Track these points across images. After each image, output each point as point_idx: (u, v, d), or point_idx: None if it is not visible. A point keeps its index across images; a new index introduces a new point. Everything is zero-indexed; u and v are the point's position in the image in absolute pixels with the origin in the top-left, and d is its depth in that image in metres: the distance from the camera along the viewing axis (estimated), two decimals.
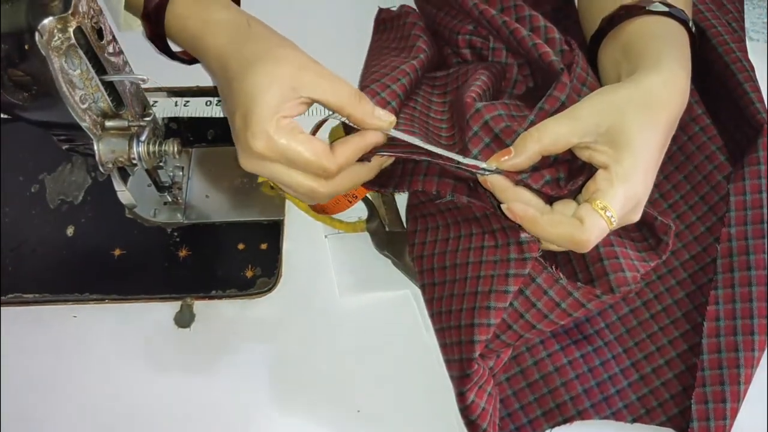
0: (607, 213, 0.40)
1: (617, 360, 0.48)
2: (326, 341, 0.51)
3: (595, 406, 0.47)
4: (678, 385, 0.47)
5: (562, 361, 0.48)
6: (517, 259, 0.43)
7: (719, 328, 0.46)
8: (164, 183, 0.53)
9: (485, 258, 0.44)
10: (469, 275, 0.45)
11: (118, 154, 0.44)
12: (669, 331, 0.48)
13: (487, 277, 0.43)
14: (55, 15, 0.36)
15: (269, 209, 0.55)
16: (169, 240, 0.54)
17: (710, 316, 0.46)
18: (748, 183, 0.48)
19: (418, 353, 0.50)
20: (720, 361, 0.45)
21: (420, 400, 0.49)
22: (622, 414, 0.47)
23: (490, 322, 0.43)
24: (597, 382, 0.47)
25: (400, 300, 0.52)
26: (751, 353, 0.45)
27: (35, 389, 0.50)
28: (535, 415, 0.47)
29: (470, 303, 0.44)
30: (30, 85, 0.39)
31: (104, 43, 0.40)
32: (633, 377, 0.48)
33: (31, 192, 0.56)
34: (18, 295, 0.52)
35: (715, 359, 0.45)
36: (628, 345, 0.49)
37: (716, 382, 0.45)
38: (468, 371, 0.43)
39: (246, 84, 0.42)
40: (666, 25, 0.46)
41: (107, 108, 0.43)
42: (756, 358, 0.45)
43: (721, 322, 0.46)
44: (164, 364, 0.50)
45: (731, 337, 0.46)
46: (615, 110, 0.41)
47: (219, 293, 0.52)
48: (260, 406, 0.49)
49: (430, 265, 0.48)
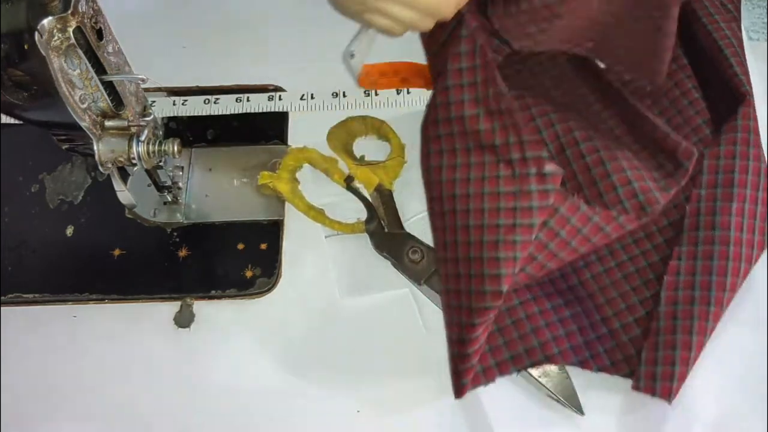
0: None
1: (587, 314, 0.49)
2: (326, 341, 0.51)
3: (563, 353, 0.48)
4: (645, 342, 0.48)
5: (533, 310, 0.49)
6: (539, 190, 0.43)
7: (678, 282, 0.48)
8: (164, 183, 0.53)
9: (502, 188, 0.44)
10: (486, 206, 0.45)
11: (117, 153, 0.44)
12: (640, 291, 0.49)
13: (508, 209, 0.44)
14: (55, 15, 0.36)
15: (269, 209, 0.55)
16: (168, 240, 0.54)
17: (671, 270, 0.48)
18: (723, 149, 0.49)
19: (417, 353, 0.50)
20: (675, 312, 0.47)
21: (420, 400, 0.49)
22: (588, 363, 0.48)
23: (517, 256, 0.43)
24: (566, 332, 0.48)
25: (400, 300, 0.52)
26: (706, 307, 0.47)
27: (35, 389, 0.50)
28: (503, 358, 0.48)
29: (492, 235, 0.44)
30: (29, 84, 0.39)
31: (104, 43, 0.40)
32: (602, 331, 0.49)
33: (31, 192, 0.56)
34: (18, 294, 0.52)
35: (670, 311, 0.47)
36: (599, 302, 0.50)
37: (669, 332, 0.47)
38: (483, 309, 0.44)
39: None
40: None
41: (107, 108, 0.43)
42: (711, 313, 0.47)
43: (681, 277, 0.48)
44: (164, 363, 0.50)
45: (688, 291, 0.47)
46: None
47: (219, 293, 0.52)
48: (260, 406, 0.49)
49: (439, 193, 0.48)
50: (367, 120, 0.57)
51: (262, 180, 0.54)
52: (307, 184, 0.55)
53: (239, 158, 0.57)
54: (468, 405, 0.48)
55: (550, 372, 0.48)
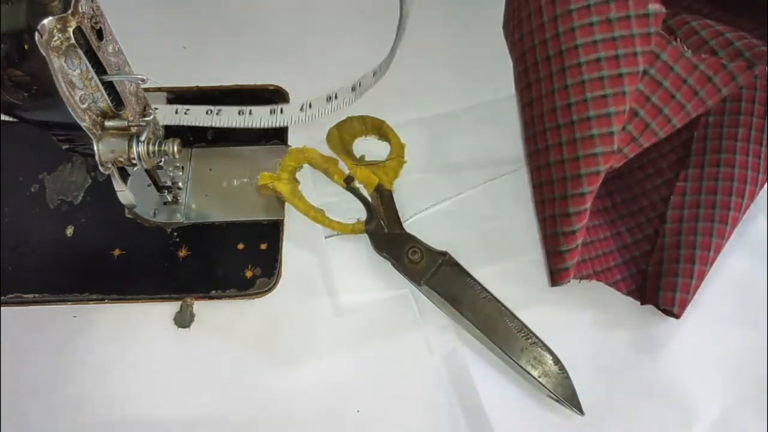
0: None
1: (601, 229, 0.51)
2: (325, 342, 0.51)
3: (605, 272, 0.49)
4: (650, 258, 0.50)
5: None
6: (641, 34, 0.40)
7: (684, 201, 0.50)
8: (164, 183, 0.53)
9: (598, 36, 0.41)
10: (582, 60, 0.41)
11: (117, 154, 0.44)
12: (648, 211, 0.52)
13: (611, 58, 0.40)
14: (55, 15, 0.36)
15: (269, 209, 0.55)
16: (168, 240, 0.54)
17: (677, 191, 0.51)
18: (739, 79, 0.47)
19: (418, 352, 0.50)
20: (680, 229, 0.49)
21: (420, 400, 0.49)
22: (601, 276, 0.49)
23: (614, 111, 0.41)
24: (604, 252, 0.50)
25: (400, 301, 0.52)
26: (710, 224, 0.49)
27: (34, 389, 0.50)
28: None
29: (596, 89, 0.41)
30: (29, 85, 0.39)
31: (104, 43, 0.40)
32: (614, 246, 0.51)
33: (31, 192, 0.56)
34: (17, 295, 0.52)
35: (675, 228, 0.50)
36: (612, 217, 0.52)
37: (673, 247, 0.49)
38: (596, 169, 0.42)
39: None
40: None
41: (107, 108, 0.43)
42: (715, 229, 0.49)
43: (686, 197, 0.50)
44: (163, 364, 0.50)
45: (693, 210, 0.50)
46: None
47: (219, 293, 0.52)
48: (259, 406, 0.49)
49: (533, 60, 0.44)
50: (367, 120, 0.57)
51: (262, 181, 0.54)
52: (307, 185, 0.55)
53: (239, 158, 0.57)
54: (468, 405, 0.49)
55: (550, 372, 0.48)
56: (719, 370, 0.50)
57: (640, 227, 0.52)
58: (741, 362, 0.50)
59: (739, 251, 0.53)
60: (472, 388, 0.49)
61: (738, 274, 0.53)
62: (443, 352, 0.50)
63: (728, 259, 0.53)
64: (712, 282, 0.52)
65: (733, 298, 0.52)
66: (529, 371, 0.48)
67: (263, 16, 0.64)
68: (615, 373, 0.50)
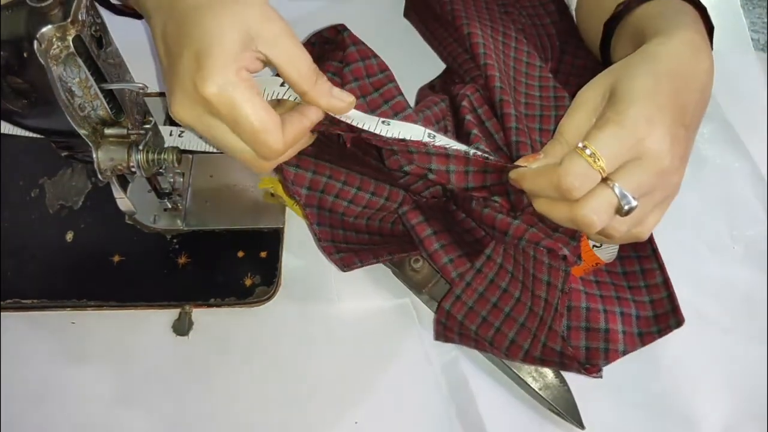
0: (587, 150, 0.37)
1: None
2: (325, 350, 0.51)
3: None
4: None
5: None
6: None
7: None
8: (164, 189, 0.53)
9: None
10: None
11: (117, 162, 0.44)
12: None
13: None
14: (54, 23, 0.36)
15: (269, 217, 0.55)
16: (168, 247, 0.54)
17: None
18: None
19: (417, 363, 0.50)
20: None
21: (419, 410, 0.49)
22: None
23: None
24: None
25: (400, 309, 0.52)
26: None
27: (32, 395, 0.50)
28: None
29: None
30: (29, 92, 0.39)
31: (104, 51, 0.40)
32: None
33: (31, 196, 0.56)
34: (16, 300, 0.52)
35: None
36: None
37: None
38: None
39: (206, 21, 0.36)
40: (667, 3, 0.45)
41: (106, 116, 0.43)
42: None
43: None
44: (162, 371, 0.50)
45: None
46: (616, 72, 0.40)
47: (218, 301, 0.52)
48: (258, 415, 0.49)
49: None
50: None
51: (262, 185, 0.54)
52: None
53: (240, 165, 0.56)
54: (468, 417, 0.48)
55: (551, 384, 0.48)
56: (722, 383, 0.49)
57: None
58: (744, 375, 0.50)
59: (744, 265, 0.53)
60: (471, 398, 0.49)
61: (743, 287, 0.52)
62: (443, 362, 0.50)
63: (733, 272, 0.52)
64: (716, 295, 0.52)
65: (737, 311, 0.51)
66: (529, 383, 0.48)
67: None
68: (616, 386, 0.49)
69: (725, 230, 0.55)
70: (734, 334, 0.51)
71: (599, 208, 0.37)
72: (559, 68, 0.58)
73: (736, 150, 0.58)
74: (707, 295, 0.52)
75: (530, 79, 0.53)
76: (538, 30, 0.59)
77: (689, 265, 0.52)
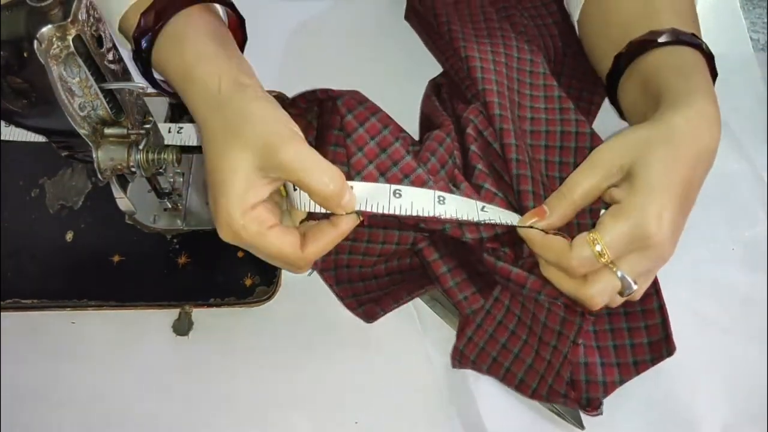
0: (597, 246, 0.40)
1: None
2: (325, 351, 0.51)
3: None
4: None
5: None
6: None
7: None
8: (164, 189, 0.53)
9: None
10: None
11: (117, 161, 0.44)
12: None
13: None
14: (54, 23, 0.36)
15: None
16: (168, 247, 0.54)
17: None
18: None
19: (418, 364, 0.50)
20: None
21: (419, 410, 0.49)
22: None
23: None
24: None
25: (402, 310, 0.52)
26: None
27: (32, 395, 0.50)
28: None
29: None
30: (29, 92, 0.39)
31: (104, 51, 0.40)
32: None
33: (31, 196, 0.56)
34: (16, 300, 0.52)
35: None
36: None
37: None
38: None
39: (214, 158, 0.39)
40: (680, 54, 0.45)
41: (106, 116, 0.43)
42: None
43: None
44: (162, 371, 0.50)
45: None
46: (636, 148, 0.41)
47: (218, 301, 0.52)
48: (258, 416, 0.49)
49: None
50: None
51: None
52: None
53: None
54: (469, 419, 0.48)
55: None
56: (721, 384, 0.49)
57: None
58: (743, 376, 0.50)
59: (743, 266, 0.53)
60: (472, 399, 0.49)
61: (742, 288, 0.52)
62: (444, 364, 0.50)
63: (732, 273, 0.52)
64: (716, 296, 0.52)
65: (736, 312, 0.51)
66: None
67: (264, 21, 0.64)
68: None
69: (724, 231, 0.55)
70: (733, 335, 0.51)
71: (603, 292, 0.41)
72: (561, 71, 0.58)
73: (736, 151, 0.58)
74: (706, 296, 0.52)
75: (535, 90, 0.53)
76: (541, 30, 0.59)
77: (688, 266, 0.52)
